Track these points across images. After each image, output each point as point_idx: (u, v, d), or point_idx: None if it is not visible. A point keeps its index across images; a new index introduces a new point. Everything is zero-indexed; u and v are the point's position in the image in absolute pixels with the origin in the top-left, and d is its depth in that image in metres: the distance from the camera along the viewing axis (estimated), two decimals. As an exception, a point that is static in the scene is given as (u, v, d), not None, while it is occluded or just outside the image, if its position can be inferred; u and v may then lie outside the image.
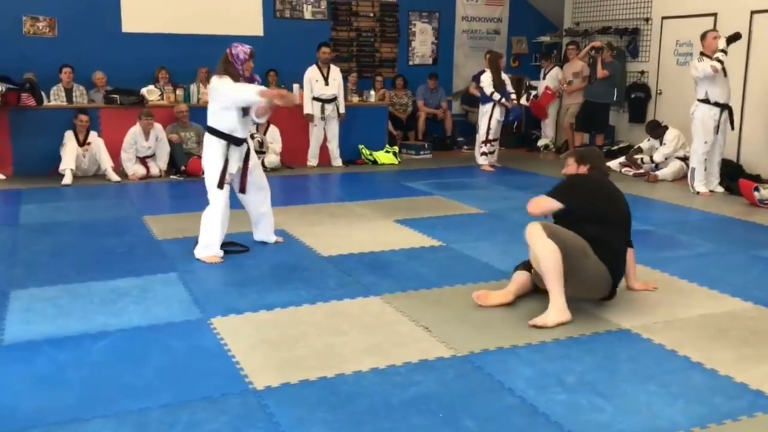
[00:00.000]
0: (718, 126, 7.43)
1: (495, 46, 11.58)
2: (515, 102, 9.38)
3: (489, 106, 9.20)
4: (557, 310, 3.76)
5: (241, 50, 4.89)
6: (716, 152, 7.61)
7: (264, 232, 5.34)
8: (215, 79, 4.90)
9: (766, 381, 3.15)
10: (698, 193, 7.53)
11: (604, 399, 2.98)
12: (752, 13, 8.46)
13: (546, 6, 12.02)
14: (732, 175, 7.84)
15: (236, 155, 4.95)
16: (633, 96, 10.12)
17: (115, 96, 8.80)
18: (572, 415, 2.84)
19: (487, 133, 9.28)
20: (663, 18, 9.75)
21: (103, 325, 3.75)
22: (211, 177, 4.93)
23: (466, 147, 10.92)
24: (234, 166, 4.96)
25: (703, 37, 7.45)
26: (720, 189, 7.68)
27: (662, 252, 5.26)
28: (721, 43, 7.19)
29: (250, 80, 4.98)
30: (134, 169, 8.36)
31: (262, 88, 4.79)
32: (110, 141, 8.34)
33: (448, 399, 2.97)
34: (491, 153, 9.39)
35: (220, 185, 4.88)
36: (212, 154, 4.91)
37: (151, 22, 9.74)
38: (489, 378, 3.18)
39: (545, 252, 3.72)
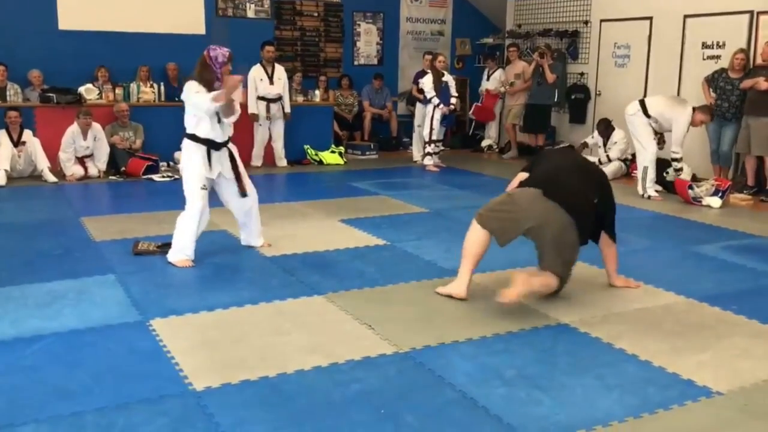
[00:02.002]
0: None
1: (439, 48, 11.69)
2: (453, 107, 9.44)
3: (431, 107, 9.28)
4: (455, 284, 4.18)
5: (220, 53, 4.73)
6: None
7: (251, 235, 5.25)
8: (186, 85, 4.79)
9: (696, 371, 3.27)
10: (649, 197, 7.47)
11: (543, 392, 3.04)
12: (685, 17, 8.74)
13: (489, 8, 12.19)
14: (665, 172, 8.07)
15: (215, 160, 4.84)
16: (573, 97, 10.34)
17: (52, 95, 8.55)
18: (511, 408, 2.89)
19: (431, 134, 9.35)
20: (602, 21, 9.99)
21: (37, 329, 3.65)
22: (187, 181, 4.82)
23: (411, 147, 10.98)
24: (214, 172, 4.85)
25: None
26: (658, 188, 7.87)
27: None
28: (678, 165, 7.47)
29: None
30: (72, 170, 8.14)
31: (214, 93, 4.65)
32: (47, 141, 8.10)
33: (390, 395, 2.99)
34: (436, 153, 9.46)
35: (195, 188, 4.77)
36: (189, 159, 4.81)
37: (89, 19, 9.50)
38: (430, 373, 3.20)
39: (467, 236, 4.16)
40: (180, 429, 2.69)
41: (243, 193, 4.98)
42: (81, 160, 8.27)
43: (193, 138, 4.81)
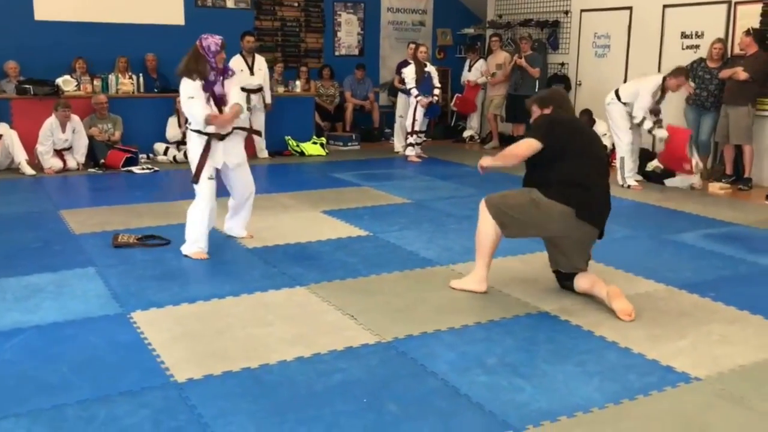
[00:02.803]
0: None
1: (420, 38, 11.67)
2: (436, 97, 9.44)
3: (413, 97, 9.27)
4: (473, 279, 4.13)
5: (212, 41, 4.67)
6: (636, 142, 7.86)
7: (237, 225, 5.25)
8: (181, 85, 4.74)
9: (675, 357, 3.31)
10: (629, 186, 7.52)
11: (524, 379, 3.06)
12: (664, 7, 8.80)
13: (470, -2, 12.19)
14: (646, 162, 8.14)
15: (220, 149, 4.81)
16: (553, 87, 10.36)
17: (29, 86, 8.43)
18: (493, 396, 2.91)
19: (413, 125, 9.35)
20: (582, 11, 10.02)
21: (16, 322, 3.61)
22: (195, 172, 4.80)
23: (393, 138, 10.97)
24: (219, 161, 4.83)
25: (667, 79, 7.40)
26: (637, 178, 7.92)
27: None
28: (660, 133, 7.47)
29: (224, 72, 4.80)
30: (51, 163, 8.05)
31: (212, 114, 4.64)
32: (24, 133, 8.01)
33: (372, 384, 3.00)
34: (418, 144, 9.47)
35: (195, 179, 4.74)
36: (194, 149, 4.79)
37: (66, 9, 9.37)
38: (412, 362, 3.22)
39: (481, 229, 4.04)
40: (162, 421, 2.69)
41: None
42: (59, 153, 8.18)
43: (196, 129, 4.77)
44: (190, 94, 4.67)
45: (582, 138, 4.04)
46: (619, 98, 7.55)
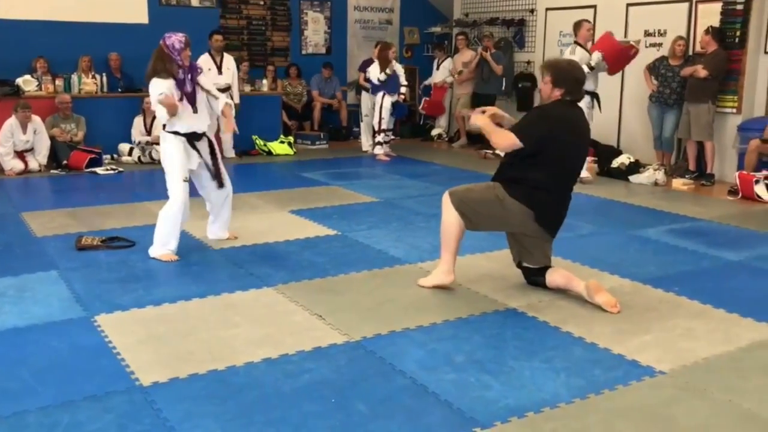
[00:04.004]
0: (590, 112, 7.78)
1: (387, 37, 11.67)
2: (403, 96, 9.47)
3: (379, 95, 9.29)
4: (440, 271, 4.14)
5: (176, 39, 4.61)
6: None
7: (220, 228, 5.18)
8: (151, 83, 4.65)
9: (640, 352, 3.35)
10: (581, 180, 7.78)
11: (492, 376, 3.08)
12: (628, 5, 8.91)
13: (436, -3, 12.22)
14: (610, 159, 8.24)
15: (194, 151, 4.76)
16: (520, 85, 10.44)
17: (-13, 86, 8.26)
18: (461, 393, 2.91)
19: (380, 123, 9.35)
20: (547, 9, 10.11)
21: (-24, 328, 3.53)
22: (169, 173, 4.73)
23: (361, 137, 10.96)
24: (194, 162, 4.78)
25: (578, 26, 7.81)
26: (586, 174, 7.99)
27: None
28: (595, 57, 7.49)
29: (192, 70, 4.73)
30: (12, 164, 7.89)
31: (164, 101, 4.54)
32: (-17, 134, 7.83)
33: (341, 384, 2.99)
34: (386, 143, 9.47)
35: (177, 181, 4.68)
36: (168, 151, 4.73)
37: (26, 7, 9.17)
38: (381, 361, 3.21)
39: (445, 221, 4.06)
40: (127, 425, 2.64)
41: (220, 185, 4.94)
42: (20, 154, 8.02)
43: (175, 132, 4.72)
44: (161, 90, 4.59)
45: (567, 143, 3.90)
46: None
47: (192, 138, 4.77)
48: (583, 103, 7.54)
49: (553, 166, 3.90)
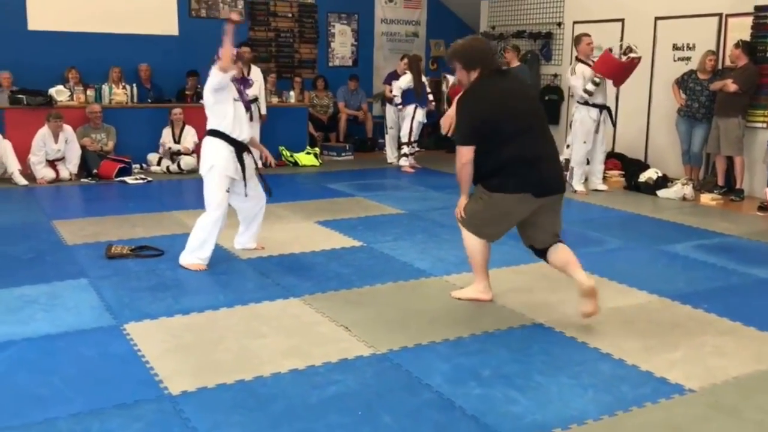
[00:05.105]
0: (598, 125, 7.77)
1: (414, 49, 11.72)
2: (432, 105, 9.58)
3: (411, 108, 9.34)
4: (475, 289, 4.15)
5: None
6: (598, 151, 7.97)
7: (250, 238, 5.21)
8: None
9: (669, 369, 3.31)
10: (575, 191, 7.76)
11: (518, 391, 3.06)
12: (656, 19, 8.86)
13: (463, 9, 12.24)
14: (638, 173, 8.18)
15: (238, 162, 4.76)
16: (547, 98, 10.41)
17: (21, 96, 8.42)
18: (487, 408, 2.90)
19: (410, 135, 9.40)
20: (574, 23, 10.08)
21: (8, 335, 3.59)
22: (211, 182, 4.72)
23: (386, 149, 10.99)
24: (239, 172, 4.77)
25: (578, 41, 7.97)
26: (604, 187, 8.01)
27: (574, 248, 5.33)
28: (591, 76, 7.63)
29: (243, 83, 4.80)
30: (43, 173, 8.03)
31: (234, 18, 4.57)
32: (17, 143, 7.98)
33: (367, 397, 2.99)
34: (412, 154, 9.50)
35: (219, 191, 4.70)
36: (215, 159, 4.69)
37: (59, 19, 9.38)
38: (407, 374, 3.21)
39: (467, 244, 4.05)
40: (156, 434, 2.67)
41: (268, 192, 5.02)
42: (52, 163, 8.16)
43: (217, 134, 4.72)
44: (221, 77, 4.59)
45: (511, 112, 3.76)
46: (585, 102, 7.81)
47: (241, 148, 4.77)
48: (593, 116, 7.67)
49: (504, 142, 3.73)
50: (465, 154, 3.82)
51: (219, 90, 4.65)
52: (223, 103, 4.70)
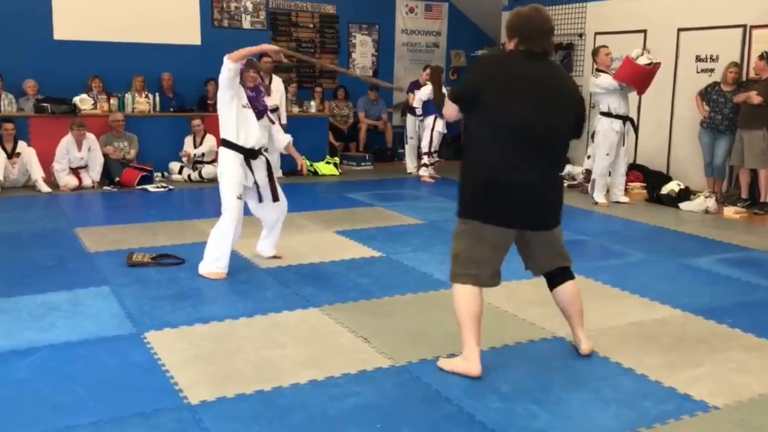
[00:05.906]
0: (622, 137, 7.72)
1: (434, 59, 11.73)
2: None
3: (431, 118, 9.35)
4: (463, 359, 3.30)
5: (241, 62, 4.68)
6: (621, 163, 7.91)
7: (270, 245, 5.24)
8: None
9: (692, 385, 3.26)
10: (596, 203, 7.74)
11: (539, 406, 3.03)
12: (679, 30, 8.80)
13: (483, 20, 12.24)
14: (660, 185, 8.11)
15: (249, 169, 4.79)
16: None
17: (46, 105, 8.54)
18: (508, 423, 2.88)
19: (430, 145, 9.41)
20: (596, 34, 10.03)
21: (31, 341, 3.62)
22: (224, 189, 4.76)
23: (406, 159, 10.99)
24: (250, 179, 4.82)
25: (596, 53, 8.00)
26: (625, 199, 7.95)
27: (596, 261, 5.39)
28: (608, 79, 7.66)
29: (256, 91, 4.83)
30: (66, 180, 8.12)
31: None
32: (41, 151, 8.10)
33: (387, 409, 2.97)
34: (431, 165, 9.50)
35: (231, 198, 4.72)
36: (226, 166, 4.74)
37: (84, 29, 9.50)
38: (427, 387, 3.19)
39: (456, 304, 3.30)
40: (175, 443, 2.68)
41: (275, 198, 4.98)
42: (75, 171, 8.26)
43: (230, 145, 4.75)
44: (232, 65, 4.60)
45: (519, 99, 3.07)
46: (606, 113, 7.78)
47: (249, 155, 4.80)
48: (616, 128, 7.63)
49: (492, 141, 3.11)
50: (450, 111, 3.33)
51: (227, 87, 4.66)
52: (228, 109, 4.71)
